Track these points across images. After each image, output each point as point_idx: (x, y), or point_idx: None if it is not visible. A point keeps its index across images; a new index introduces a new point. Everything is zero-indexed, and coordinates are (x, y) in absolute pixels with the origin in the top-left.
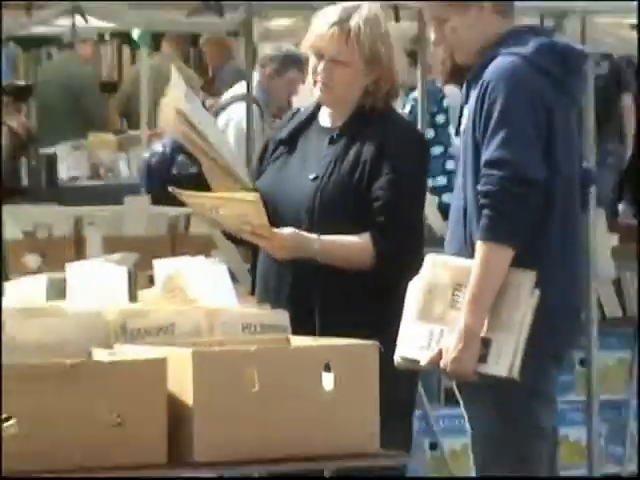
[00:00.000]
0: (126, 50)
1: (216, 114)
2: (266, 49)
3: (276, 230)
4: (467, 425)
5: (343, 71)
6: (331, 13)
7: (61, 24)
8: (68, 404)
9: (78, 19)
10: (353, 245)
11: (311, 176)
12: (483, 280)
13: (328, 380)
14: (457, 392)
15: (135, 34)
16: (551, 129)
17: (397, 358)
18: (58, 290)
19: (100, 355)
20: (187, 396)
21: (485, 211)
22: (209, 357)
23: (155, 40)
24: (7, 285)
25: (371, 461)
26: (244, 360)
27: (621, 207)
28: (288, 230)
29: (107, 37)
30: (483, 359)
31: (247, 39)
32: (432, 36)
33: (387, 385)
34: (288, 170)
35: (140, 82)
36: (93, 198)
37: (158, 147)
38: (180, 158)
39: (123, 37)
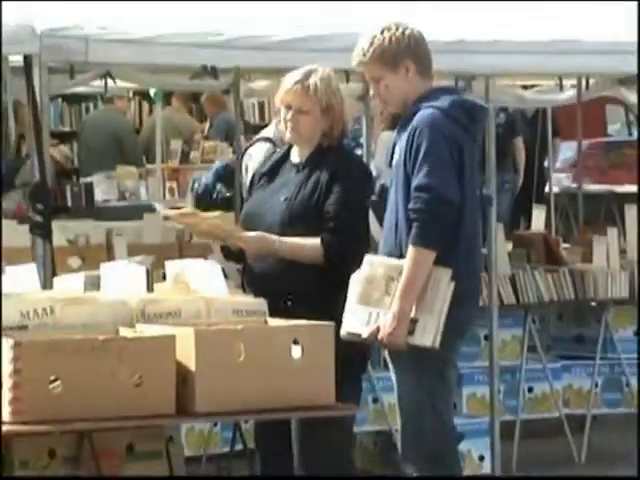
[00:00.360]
0: (145, 104)
1: (244, 151)
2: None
3: (244, 233)
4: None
5: (306, 118)
6: (295, 74)
7: (96, 84)
8: (100, 369)
9: (110, 81)
10: (306, 244)
11: (282, 198)
12: (413, 275)
13: (296, 351)
14: (389, 359)
15: (152, 92)
16: (461, 163)
17: (343, 332)
18: (93, 284)
19: (125, 332)
20: (190, 363)
21: (415, 223)
22: (207, 334)
23: (166, 97)
24: (55, 280)
25: (328, 412)
26: (233, 336)
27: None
28: (253, 232)
29: (130, 95)
30: (411, 333)
31: (235, 96)
32: (371, 92)
33: (343, 355)
34: (266, 195)
35: (155, 128)
36: (120, 215)
37: (202, 179)
38: (219, 186)
39: (143, 95)
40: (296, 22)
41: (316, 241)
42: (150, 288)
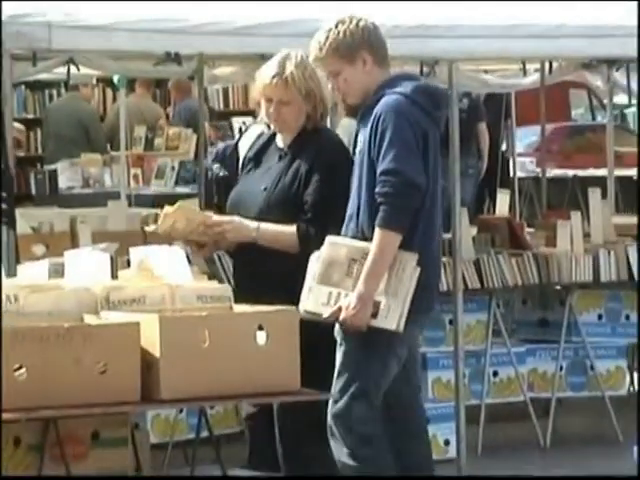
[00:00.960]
0: (109, 91)
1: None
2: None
3: (219, 218)
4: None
5: (289, 108)
6: (271, 67)
7: (59, 71)
8: (65, 357)
9: (73, 68)
10: (283, 231)
11: (262, 187)
12: (379, 257)
13: (261, 337)
14: (339, 337)
15: (115, 79)
16: (426, 148)
17: (301, 310)
18: (58, 272)
19: (90, 320)
20: (155, 350)
21: (382, 207)
22: (171, 321)
23: (130, 84)
24: (19, 268)
25: (293, 397)
26: (198, 323)
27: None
28: (229, 217)
29: (94, 81)
30: (374, 316)
31: (199, 82)
32: (329, 85)
33: (313, 341)
34: (249, 183)
35: (120, 115)
36: (84, 202)
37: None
38: (215, 166)
39: (106, 81)
40: (259, 7)
41: (291, 229)
42: (114, 275)
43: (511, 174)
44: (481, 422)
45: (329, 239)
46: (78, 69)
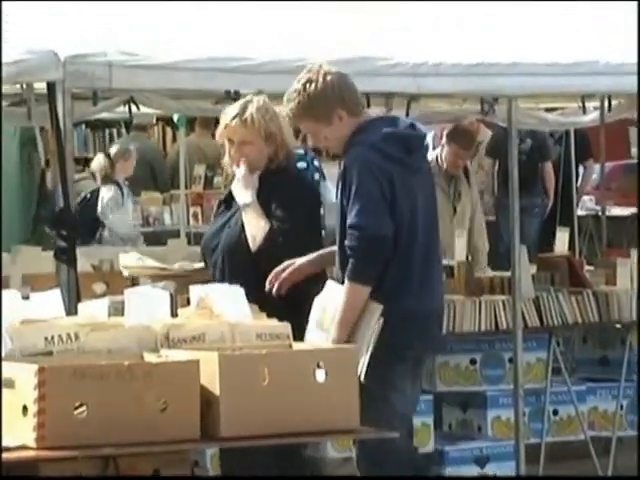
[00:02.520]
0: (168, 130)
1: None
2: None
3: None
4: None
5: (250, 148)
6: (232, 109)
7: (119, 110)
8: (125, 394)
9: (133, 107)
10: (260, 224)
11: (228, 227)
12: (347, 307)
13: (320, 375)
14: None
15: (175, 117)
16: (393, 195)
17: None
18: (118, 310)
19: (149, 357)
20: (215, 388)
21: (350, 260)
22: (231, 358)
23: (190, 122)
24: (79, 306)
25: (353, 436)
26: (257, 360)
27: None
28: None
29: (154, 120)
30: None
31: None
32: (309, 143)
33: None
34: (219, 223)
35: (180, 154)
36: (144, 240)
37: None
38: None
39: (166, 120)
40: (321, 46)
41: (266, 229)
42: (174, 313)
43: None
44: (541, 461)
45: (328, 284)
46: (138, 108)
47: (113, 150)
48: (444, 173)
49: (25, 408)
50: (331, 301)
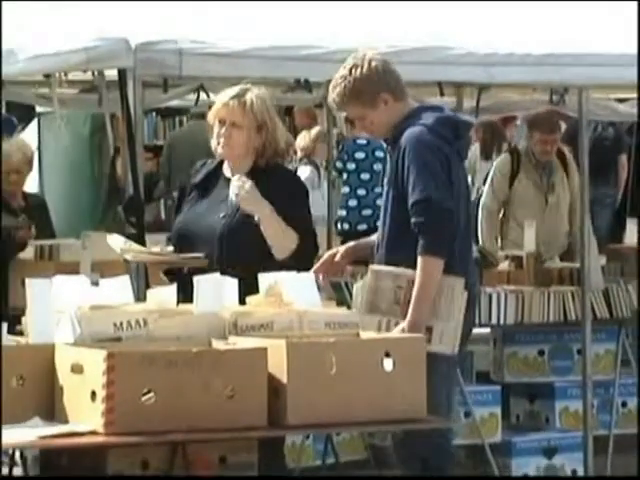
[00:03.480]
0: None
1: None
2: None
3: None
4: None
5: (239, 133)
6: (231, 90)
7: (190, 98)
8: (193, 381)
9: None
10: (287, 234)
11: (221, 214)
12: (425, 284)
13: (388, 364)
14: None
15: None
16: (450, 176)
17: None
18: None
19: (218, 345)
20: (282, 376)
21: (421, 235)
22: (299, 346)
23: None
24: (148, 293)
25: (421, 425)
26: (325, 349)
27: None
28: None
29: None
30: (427, 341)
31: (328, 109)
32: (355, 127)
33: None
34: (201, 210)
35: None
36: None
37: None
38: None
39: None
40: (389, 35)
41: (294, 237)
42: (243, 300)
43: None
44: (609, 453)
45: (372, 267)
46: (208, 96)
47: (314, 131)
48: (536, 164)
49: (94, 393)
50: (384, 284)
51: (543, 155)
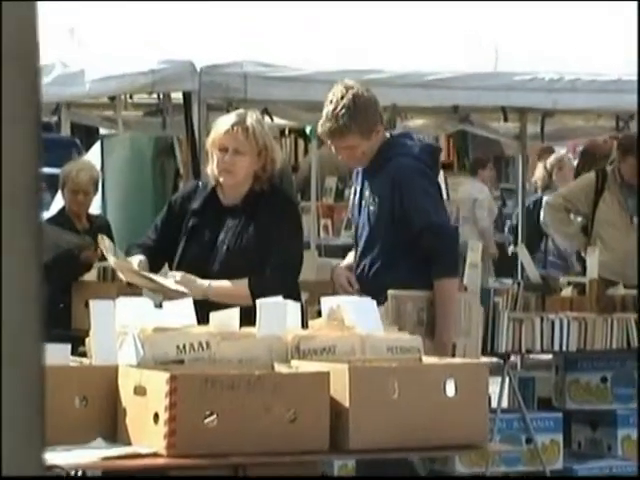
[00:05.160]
0: (300, 142)
1: None
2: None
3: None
4: None
5: (242, 159)
6: (229, 117)
7: None
8: (255, 404)
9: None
10: (234, 287)
11: (224, 246)
12: (447, 304)
13: (450, 389)
14: None
15: (307, 129)
16: (441, 198)
17: None
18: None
19: (280, 368)
20: (344, 400)
21: (436, 259)
22: (361, 371)
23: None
24: (211, 315)
25: (482, 451)
26: (387, 374)
27: None
28: (179, 274)
29: (287, 132)
30: (452, 356)
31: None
32: (341, 157)
33: None
34: (200, 239)
35: (312, 166)
36: None
37: None
38: None
39: (298, 132)
40: (451, 60)
41: (242, 283)
42: (305, 324)
43: None
44: None
45: (392, 293)
46: (272, 119)
47: None
48: (620, 185)
49: (156, 415)
50: (407, 307)
51: (632, 177)
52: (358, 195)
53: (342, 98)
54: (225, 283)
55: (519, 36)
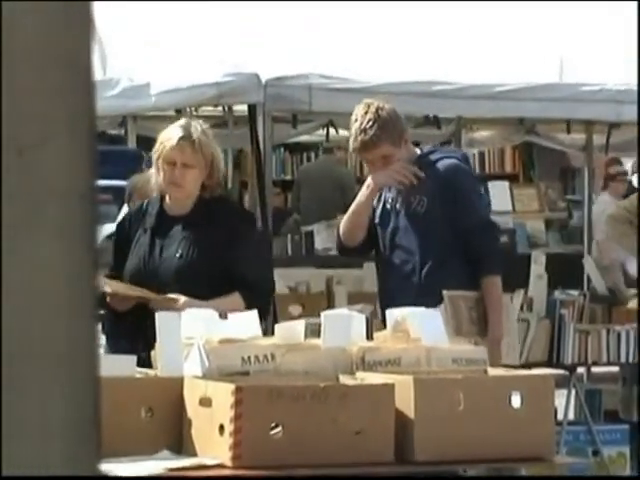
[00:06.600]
0: None
1: None
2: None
3: (173, 296)
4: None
5: (191, 172)
6: (175, 130)
7: (318, 133)
8: (321, 416)
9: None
10: (230, 303)
11: (177, 254)
12: (498, 302)
13: (516, 401)
14: None
15: None
16: None
17: None
18: (314, 332)
19: (345, 380)
20: (410, 412)
21: (487, 256)
22: (427, 383)
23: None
24: (276, 327)
25: (548, 464)
26: (453, 385)
27: None
28: (184, 298)
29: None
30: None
31: (457, 146)
32: (378, 169)
33: None
34: (153, 250)
35: None
36: (340, 263)
37: None
38: None
39: None
40: (518, 72)
41: (236, 298)
42: (370, 336)
43: None
44: None
45: (446, 294)
46: (337, 131)
47: None
48: None
49: (222, 427)
50: (460, 307)
51: None
52: (390, 201)
53: (366, 113)
54: (222, 300)
55: (583, 47)
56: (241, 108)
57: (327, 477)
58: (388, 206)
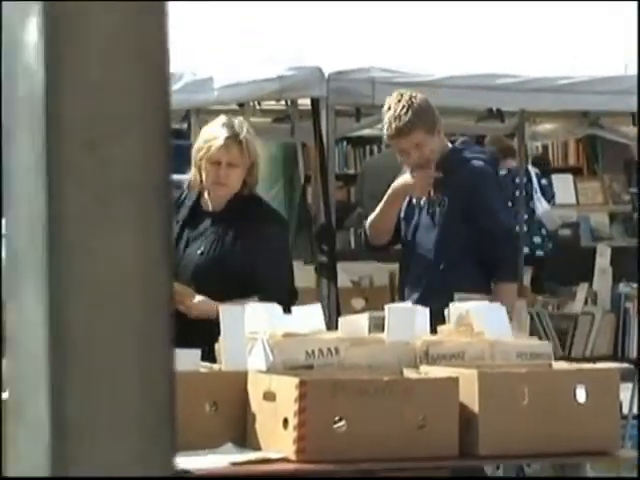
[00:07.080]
0: None
1: None
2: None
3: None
4: None
5: (236, 172)
6: (221, 130)
7: (380, 127)
8: (384, 410)
9: None
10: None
11: (198, 251)
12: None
13: (581, 395)
14: None
15: None
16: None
17: None
18: (377, 325)
19: (409, 373)
20: (474, 406)
21: (504, 263)
22: (491, 377)
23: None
24: (340, 321)
25: (613, 458)
26: (517, 379)
27: None
28: (200, 297)
29: None
30: None
31: (520, 139)
32: (411, 158)
33: None
34: (180, 244)
35: None
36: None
37: None
38: None
39: None
40: (584, 63)
41: (253, 301)
42: (434, 330)
43: None
44: None
45: (458, 297)
46: None
47: None
48: None
49: (286, 421)
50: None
51: None
52: (415, 198)
53: (399, 102)
54: (239, 302)
55: None
56: (303, 102)
57: (390, 470)
58: (414, 201)
